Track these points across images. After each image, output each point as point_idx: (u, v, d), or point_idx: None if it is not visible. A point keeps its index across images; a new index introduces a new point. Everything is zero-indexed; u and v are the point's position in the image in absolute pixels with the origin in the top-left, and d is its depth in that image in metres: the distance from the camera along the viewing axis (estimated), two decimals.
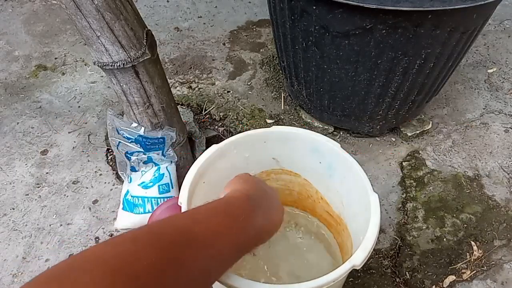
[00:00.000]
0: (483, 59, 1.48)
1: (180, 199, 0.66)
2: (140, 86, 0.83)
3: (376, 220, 0.62)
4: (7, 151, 1.20)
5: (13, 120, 1.29)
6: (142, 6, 1.76)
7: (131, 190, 0.96)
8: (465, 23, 0.86)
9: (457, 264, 0.93)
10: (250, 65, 1.48)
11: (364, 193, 0.67)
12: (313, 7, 0.87)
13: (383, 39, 0.86)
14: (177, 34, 1.63)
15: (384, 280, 0.90)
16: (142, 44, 0.78)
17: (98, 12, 0.70)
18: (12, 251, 0.97)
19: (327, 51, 0.94)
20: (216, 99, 1.34)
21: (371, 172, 1.12)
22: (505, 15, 1.68)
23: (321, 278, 0.54)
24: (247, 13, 1.74)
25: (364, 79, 0.97)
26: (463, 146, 1.19)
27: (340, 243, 0.85)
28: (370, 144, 1.20)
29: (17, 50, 1.57)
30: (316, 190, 0.85)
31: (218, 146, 0.74)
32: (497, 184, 1.09)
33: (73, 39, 1.61)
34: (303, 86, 1.13)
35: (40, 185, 1.11)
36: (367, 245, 0.58)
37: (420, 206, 1.04)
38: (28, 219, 1.03)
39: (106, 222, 1.02)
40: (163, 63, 1.48)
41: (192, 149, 1.09)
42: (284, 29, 1.02)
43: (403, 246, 0.96)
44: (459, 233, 0.99)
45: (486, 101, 1.33)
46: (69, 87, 1.41)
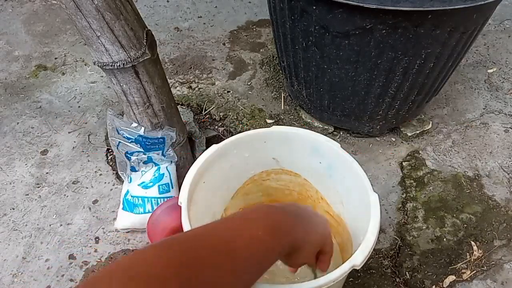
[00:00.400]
0: (483, 59, 1.48)
1: (180, 199, 0.66)
2: (140, 86, 0.83)
3: (376, 220, 0.62)
4: (7, 151, 1.20)
5: (13, 120, 1.29)
6: (142, 6, 1.76)
7: (131, 190, 0.96)
8: (465, 23, 0.86)
9: (457, 264, 0.93)
10: (250, 65, 1.48)
11: (364, 193, 0.67)
12: (313, 7, 0.87)
13: (383, 39, 0.86)
14: (177, 34, 1.63)
15: (384, 280, 0.90)
16: (142, 44, 0.78)
17: (98, 12, 0.70)
18: (12, 251, 0.97)
19: (327, 51, 0.94)
20: (216, 99, 1.34)
21: (371, 172, 1.12)
22: (505, 15, 1.68)
23: (321, 278, 0.54)
24: (247, 13, 1.74)
25: (364, 79, 0.97)
26: (463, 146, 1.19)
27: (340, 243, 0.85)
28: (370, 144, 1.20)
29: (17, 50, 1.57)
30: (316, 190, 0.85)
31: (218, 146, 0.74)
32: (497, 184, 1.09)
33: (73, 39, 1.61)
34: (303, 86, 1.13)
35: (40, 185, 1.11)
36: (367, 245, 0.58)
37: (420, 206, 1.04)
38: (28, 219, 1.03)
39: (106, 222, 1.02)
40: (163, 63, 1.48)
41: (192, 149, 1.09)
42: (284, 29, 1.02)
43: (403, 246, 0.96)
44: (459, 233, 0.99)
45: (486, 101, 1.33)
46: (69, 87, 1.41)
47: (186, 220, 0.63)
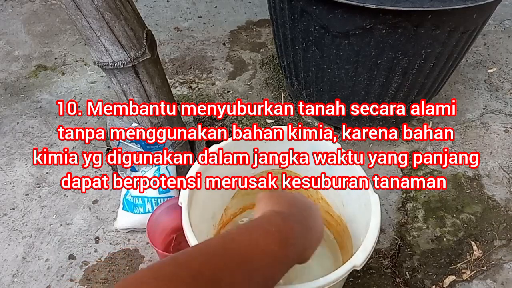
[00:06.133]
0: (483, 59, 1.48)
1: (180, 199, 0.66)
2: (140, 86, 0.83)
3: (376, 220, 0.62)
4: (7, 151, 1.20)
5: (13, 120, 1.29)
6: (142, 6, 1.76)
7: (131, 190, 0.96)
8: (465, 23, 0.86)
9: (457, 264, 0.93)
10: (250, 65, 1.48)
11: (364, 193, 0.67)
12: (313, 7, 0.87)
13: (383, 39, 0.86)
14: (177, 34, 1.63)
15: (384, 280, 0.91)
16: (142, 44, 0.78)
17: (98, 12, 0.70)
18: (12, 251, 0.97)
19: (327, 51, 0.94)
20: (216, 99, 1.34)
21: (371, 172, 1.12)
22: (505, 15, 1.68)
23: (322, 279, 0.54)
24: (247, 13, 1.74)
25: (364, 79, 0.97)
26: (463, 146, 1.19)
27: (340, 243, 0.85)
28: (370, 144, 1.20)
29: (17, 50, 1.57)
30: (316, 190, 0.85)
31: (218, 146, 0.74)
32: (497, 184, 1.09)
33: (73, 39, 1.61)
34: (303, 86, 1.13)
35: (40, 185, 1.11)
36: (368, 245, 0.58)
37: (420, 206, 1.04)
38: (28, 219, 1.03)
39: (106, 222, 1.02)
40: (163, 63, 1.48)
41: (192, 149, 1.09)
42: (284, 29, 1.02)
43: (403, 246, 0.97)
44: (459, 233, 0.99)
45: (486, 101, 1.33)
46: (69, 87, 1.41)
47: (186, 220, 0.63)
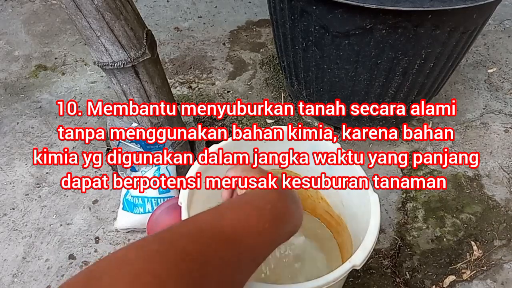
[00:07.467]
0: (483, 59, 1.48)
1: (180, 199, 0.66)
2: (140, 86, 0.83)
3: (376, 220, 0.62)
4: (7, 151, 1.20)
5: (13, 120, 1.29)
6: (142, 6, 1.76)
7: (131, 190, 0.96)
8: (465, 23, 0.86)
9: (457, 264, 0.93)
10: (250, 65, 1.48)
11: (364, 193, 0.67)
12: (313, 7, 0.87)
13: (383, 39, 0.86)
14: (177, 34, 1.63)
15: (384, 280, 0.90)
16: (142, 44, 0.78)
17: (98, 12, 0.70)
18: (12, 251, 0.97)
19: (327, 51, 0.94)
20: (216, 99, 1.34)
21: (371, 172, 1.12)
22: (505, 15, 1.68)
23: (321, 278, 0.54)
24: (247, 13, 1.74)
25: (364, 79, 0.97)
26: (463, 146, 1.19)
27: (340, 243, 0.85)
28: (370, 144, 1.20)
29: (17, 50, 1.57)
30: (316, 190, 0.85)
31: (218, 146, 0.74)
32: (497, 184, 1.09)
33: (73, 39, 1.61)
34: (303, 86, 1.13)
35: (40, 185, 1.11)
36: (367, 245, 0.58)
37: (420, 206, 1.04)
38: (28, 219, 1.03)
39: (106, 222, 1.02)
40: (163, 63, 1.48)
41: (192, 149, 1.09)
42: (284, 29, 1.02)
43: (403, 246, 0.96)
44: (459, 233, 0.99)
45: (486, 101, 1.33)
46: (69, 87, 1.41)
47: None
